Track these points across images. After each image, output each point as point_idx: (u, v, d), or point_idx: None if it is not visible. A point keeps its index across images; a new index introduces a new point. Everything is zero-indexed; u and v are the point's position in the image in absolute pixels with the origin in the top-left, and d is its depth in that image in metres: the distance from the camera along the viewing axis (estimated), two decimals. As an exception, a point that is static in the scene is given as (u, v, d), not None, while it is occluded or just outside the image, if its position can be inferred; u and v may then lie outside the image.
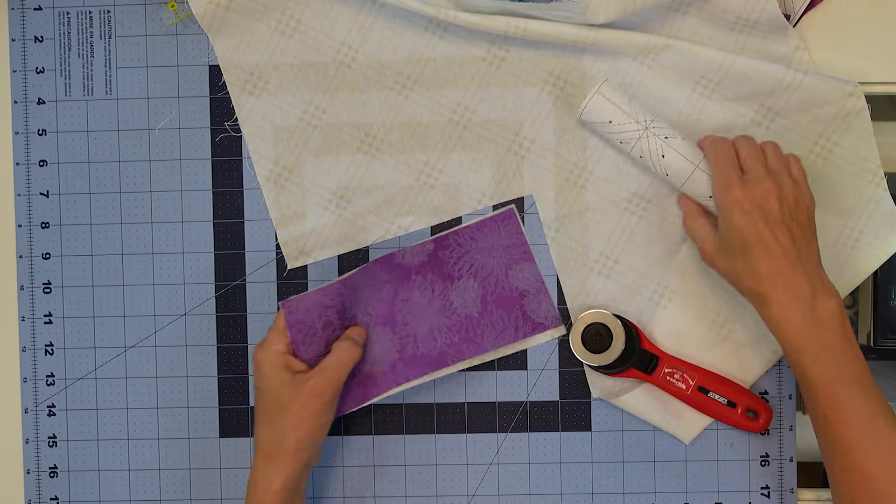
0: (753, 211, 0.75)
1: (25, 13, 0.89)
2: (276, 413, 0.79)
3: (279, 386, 0.79)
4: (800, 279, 0.75)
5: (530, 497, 0.88)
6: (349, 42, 0.87)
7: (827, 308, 0.74)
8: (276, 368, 0.80)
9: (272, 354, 0.80)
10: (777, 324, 0.75)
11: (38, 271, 0.89)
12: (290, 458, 0.78)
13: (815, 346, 0.74)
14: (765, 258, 0.75)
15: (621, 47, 0.84)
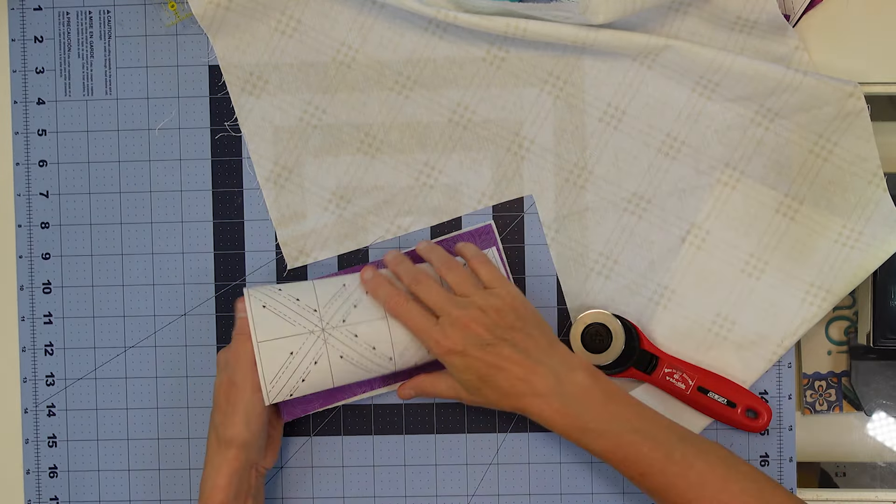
0: (466, 348, 0.77)
1: (25, 13, 0.89)
2: (218, 418, 0.80)
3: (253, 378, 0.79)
4: (540, 376, 0.77)
5: (530, 497, 0.88)
6: (349, 42, 0.87)
7: (576, 384, 0.77)
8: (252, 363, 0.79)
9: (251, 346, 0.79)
10: (545, 423, 0.77)
11: (37, 271, 0.89)
12: (231, 463, 0.79)
13: (585, 425, 0.76)
14: (502, 379, 0.77)
15: (621, 47, 0.84)
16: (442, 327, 0.78)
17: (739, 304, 0.86)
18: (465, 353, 0.77)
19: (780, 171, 0.85)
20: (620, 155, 0.87)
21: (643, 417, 0.77)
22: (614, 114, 0.86)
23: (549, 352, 0.78)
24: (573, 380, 0.77)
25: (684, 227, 0.86)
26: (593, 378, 0.78)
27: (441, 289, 0.79)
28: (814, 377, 0.92)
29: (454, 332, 0.77)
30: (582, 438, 0.76)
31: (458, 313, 0.77)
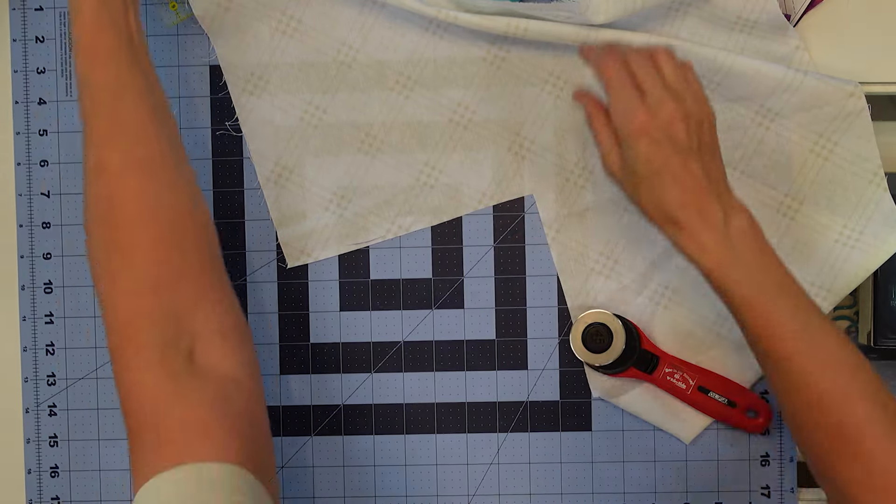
0: (662, 140, 0.71)
1: (27, 13, 0.89)
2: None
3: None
4: (711, 205, 0.72)
5: (530, 497, 0.88)
6: (350, 42, 0.87)
7: (739, 228, 0.72)
8: None
9: None
10: (692, 253, 0.72)
11: (39, 271, 0.89)
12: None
13: (734, 269, 0.71)
14: (675, 188, 0.72)
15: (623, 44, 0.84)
16: (649, 106, 0.72)
17: (740, 303, 0.86)
18: (658, 143, 0.71)
19: (780, 170, 0.85)
20: (621, 155, 0.86)
21: (790, 280, 0.72)
22: (615, 114, 0.86)
23: (725, 188, 0.73)
24: (738, 223, 0.72)
25: (685, 226, 0.86)
26: (753, 227, 0.73)
27: (656, 69, 0.74)
28: (815, 377, 0.92)
29: (657, 115, 0.72)
30: (724, 280, 0.71)
31: (668, 98, 0.72)
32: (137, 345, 0.66)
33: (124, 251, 0.68)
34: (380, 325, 0.88)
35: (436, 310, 0.88)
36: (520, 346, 0.88)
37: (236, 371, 0.68)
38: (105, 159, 0.69)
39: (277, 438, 0.88)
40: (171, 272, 0.68)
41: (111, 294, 0.68)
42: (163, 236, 0.69)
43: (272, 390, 0.89)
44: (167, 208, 0.69)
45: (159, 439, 0.64)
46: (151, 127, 0.71)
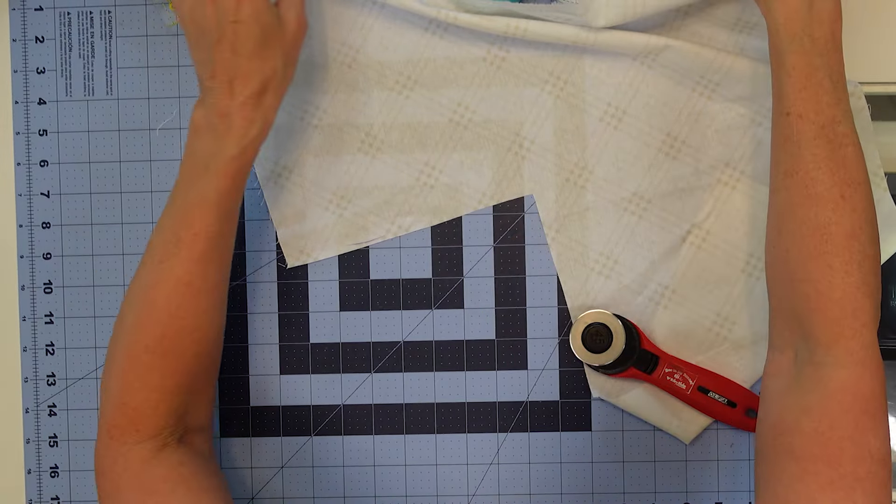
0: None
1: (26, 13, 0.89)
2: (273, 44, 0.75)
3: (271, 18, 0.75)
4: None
5: (530, 497, 0.88)
6: (350, 42, 0.87)
7: (824, 6, 0.72)
8: (265, 5, 0.74)
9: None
10: (773, 1, 0.72)
11: (38, 271, 0.89)
12: (286, 84, 0.77)
13: (802, 35, 0.71)
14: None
15: (621, 48, 0.84)
16: None
17: (740, 304, 0.86)
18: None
19: (780, 170, 0.85)
20: (621, 155, 0.87)
21: (843, 77, 0.72)
22: (615, 114, 0.86)
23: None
24: (822, 2, 0.72)
25: (685, 226, 0.86)
26: (838, 15, 0.72)
27: None
28: (814, 377, 0.92)
29: None
30: (783, 44, 0.71)
31: None
32: (136, 429, 0.75)
33: (163, 355, 0.75)
34: (380, 325, 0.88)
35: (436, 310, 0.88)
36: (519, 346, 0.88)
37: (209, 446, 0.81)
38: (187, 271, 0.75)
39: (277, 438, 0.88)
40: (190, 380, 0.77)
41: (133, 382, 0.75)
42: (196, 351, 0.77)
43: (272, 390, 0.89)
44: (209, 328, 0.77)
45: (140, 494, 0.74)
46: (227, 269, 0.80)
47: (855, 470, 0.67)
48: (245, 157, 0.75)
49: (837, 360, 0.69)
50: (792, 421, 0.70)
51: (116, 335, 0.77)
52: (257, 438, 0.89)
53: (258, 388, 0.89)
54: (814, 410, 0.69)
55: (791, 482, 0.68)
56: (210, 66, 0.75)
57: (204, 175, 0.75)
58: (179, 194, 0.76)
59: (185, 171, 0.76)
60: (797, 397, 0.70)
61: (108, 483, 0.75)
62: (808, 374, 0.70)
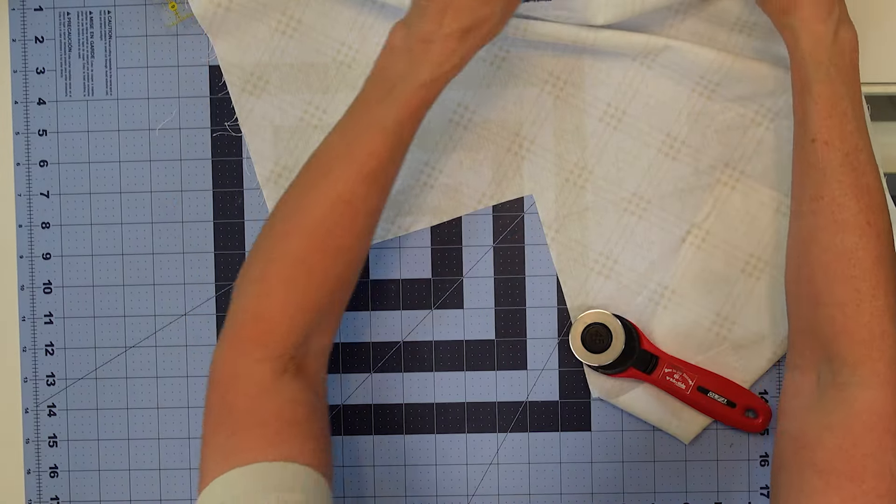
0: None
1: (26, 13, 0.89)
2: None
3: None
4: (833, 6, 0.74)
5: (530, 497, 0.88)
6: (349, 42, 0.87)
7: (847, 36, 0.74)
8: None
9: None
10: (799, 31, 0.74)
11: (38, 271, 0.89)
12: (493, 35, 0.74)
13: (829, 64, 0.73)
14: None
15: (621, 48, 0.84)
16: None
17: (739, 304, 0.86)
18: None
19: (780, 170, 0.85)
20: (620, 155, 0.87)
21: (862, 108, 0.75)
22: (614, 114, 0.86)
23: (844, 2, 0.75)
24: (847, 33, 0.74)
25: (684, 227, 0.86)
26: (855, 45, 0.75)
27: None
28: (814, 377, 0.92)
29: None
30: (811, 71, 0.73)
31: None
32: (264, 343, 0.71)
33: (308, 271, 0.72)
34: (379, 325, 0.88)
35: (435, 310, 0.88)
36: (519, 346, 0.88)
37: (322, 388, 0.76)
38: (351, 188, 0.72)
39: (277, 438, 0.88)
40: (327, 301, 0.73)
41: (272, 293, 0.72)
42: (341, 272, 0.74)
43: (272, 390, 0.89)
44: (359, 250, 0.75)
45: (251, 423, 0.69)
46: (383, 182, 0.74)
47: (877, 486, 0.68)
48: (433, 89, 0.73)
49: (863, 381, 0.70)
50: (814, 436, 0.70)
51: (261, 244, 0.74)
52: (257, 438, 0.89)
53: (258, 388, 0.89)
54: (837, 428, 0.70)
55: (813, 494, 0.69)
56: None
57: (387, 98, 0.72)
58: (357, 112, 0.74)
59: (368, 90, 0.74)
60: (820, 415, 0.71)
61: (218, 396, 0.71)
62: (831, 395, 0.71)
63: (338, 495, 0.88)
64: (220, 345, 0.72)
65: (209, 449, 0.70)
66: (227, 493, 0.66)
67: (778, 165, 0.85)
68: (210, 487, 0.67)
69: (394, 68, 0.73)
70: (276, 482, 0.66)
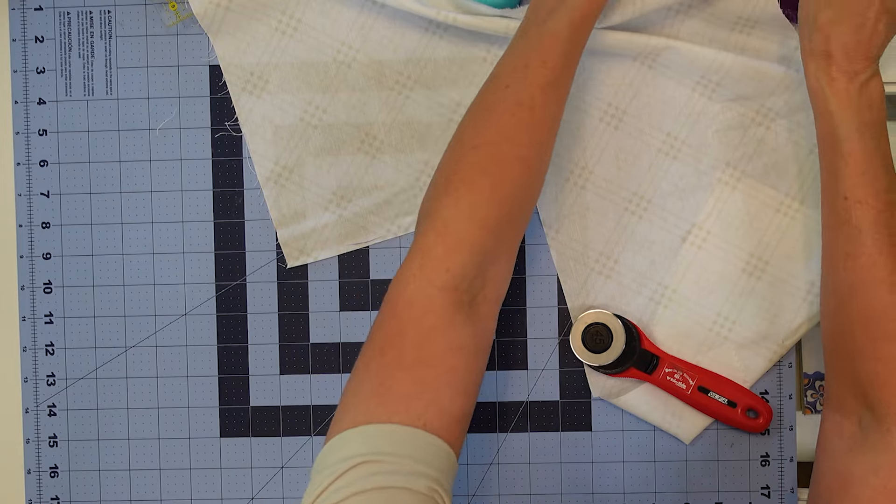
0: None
1: (26, 13, 0.89)
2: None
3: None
4: (866, 61, 0.73)
5: (530, 497, 0.88)
6: (350, 42, 0.87)
7: (875, 87, 0.73)
8: None
9: None
10: (824, 90, 0.73)
11: (38, 271, 0.89)
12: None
13: (858, 122, 0.72)
14: (851, 26, 0.73)
15: (621, 48, 0.84)
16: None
17: (740, 303, 0.86)
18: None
19: (780, 171, 0.85)
20: (621, 155, 0.87)
21: (892, 160, 0.74)
22: (615, 114, 0.86)
23: (882, 50, 0.74)
24: (876, 84, 0.74)
25: (685, 226, 0.86)
26: (882, 95, 0.74)
27: None
28: (814, 377, 0.92)
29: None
30: (838, 130, 0.73)
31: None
32: (448, 264, 0.69)
33: (490, 178, 0.71)
34: (380, 325, 0.88)
35: (436, 310, 0.88)
36: (520, 346, 0.88)
37: (488, 339, 0.75)
38: (530, 95, 0.72)
39: (277, 438, 0.88)
40: (506, 221, 0.72)
41: (450, 204, 0.71)
42: (522, 185, 0.73)
43: (272, 390, 0.89)
44: (539, 162, 0.74)
45: (415, 359, 0.68)
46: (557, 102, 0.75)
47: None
48: (596, 5, 0.73)
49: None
50: (859, 476, 0.70)
51: (446, 159, 0.74)
52: (257, 438, 0.89)
53: (258, 388, 0.89)
54: (883, 470, 0.70)
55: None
56: None
57: (560, 7, 0.73)
58: (532, 25, 0.74)
59: (532, 12, 0.75)
60: (865, 457, 0.71)
61: (392, 317, 0.70)
62: (876, 438, 0.71)
63: (338, 495, 0.88)
64: (406, 265, 0.70)
65: (366, 373, 0.68)
66: (368, 446, 0.64)
67: (778, 165, 0.85)
68: (346, 435, 0.65)
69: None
70: (413, 451, 0.65)
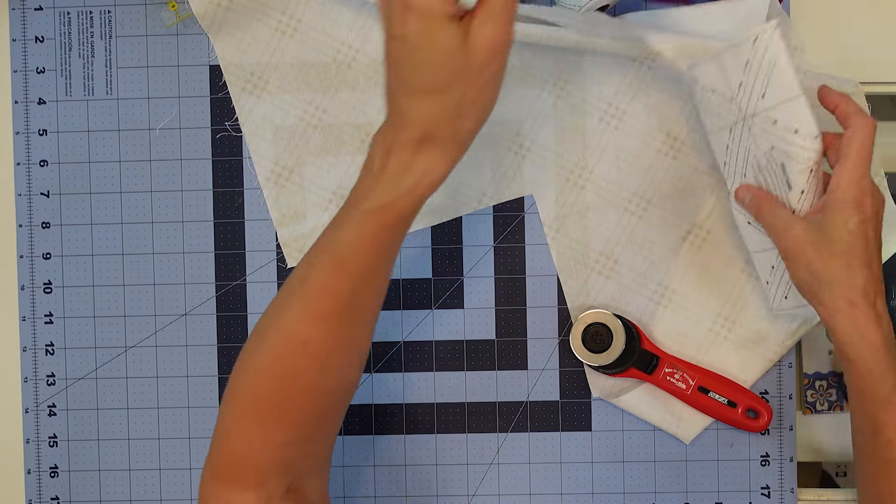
0: (872, 219, 0.70)
1: (26, 13, 0.89)
2: (447, 80, 0.58)
3: (451, 41, 0.57)
4: (882, 300, 0.71)
5: (530, 497, 0.88)
6: (349, 42, 0.87)
7: (882, 304, 0.71)
8: (445, 19, 0.57)
9: (438, 1, 0.58)
10: (858, 342, 0.70)
11: (38, 271, 0.89)
12: (465, 141, 0.61)
13: (887, 364, 0.70)
14: (864, 272, 0.70)
15: (622, 50, 0.84)
16: (874, 189, 0.71)
17: (740, 303, 0.86)
18: (867, 223, 0.69)
19: (780, 170, 0.85)
20: (621, 155, 0.87)
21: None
22: (615, 114, 0.86)
23: (880, 286, 0.72)
24: (882, 300, 0.70)
25: (685, 226, 0.86)
26: (892, 325, 0.71)
27: None
28: (814, 377, 0.92)
29: (876, 194, 0.71)
30: (878, 383, 0.69)
31: (880, 194, 0.72)
32: (241, 479, 0.67)
33: (278, 407, 0.66)
34: (380, 325, 0.88)
35: (436, 310, 0.88)
36: (520, 346, 0.88)
37: (320, 497, 0.71)
38: (304, 329, 0.65)
39: (277, 438, 0.88)
40: (305, 437, 0.68)
41: (241, 431, 0.67)
42: (314, 408, 0.67)
43: (272, 390, 0.89)
44: (334, 387, 0.68)
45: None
46: (373, 318, 0.68)
47: None
48: (391, 215, 0.62)
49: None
50: None
51: (233, 377, 0.69)
52: (257, 438, 0.89)
53: (258, 388, 0.89)
54: None
55: None
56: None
57: (346, 219, 0.64)
58: (325, 231, 0.66)
59: (340, 212, 0.66)
60: None
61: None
62: None
63: (338, 495, 0.88)
64: (203, 472, 0.68)
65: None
66: None
67: (778, 165, 0.85)
68: None
69: (360, 183, 0.64)
70: None
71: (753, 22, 0.79)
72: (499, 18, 0.58)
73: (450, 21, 0.58)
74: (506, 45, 0.59)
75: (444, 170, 0.62)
